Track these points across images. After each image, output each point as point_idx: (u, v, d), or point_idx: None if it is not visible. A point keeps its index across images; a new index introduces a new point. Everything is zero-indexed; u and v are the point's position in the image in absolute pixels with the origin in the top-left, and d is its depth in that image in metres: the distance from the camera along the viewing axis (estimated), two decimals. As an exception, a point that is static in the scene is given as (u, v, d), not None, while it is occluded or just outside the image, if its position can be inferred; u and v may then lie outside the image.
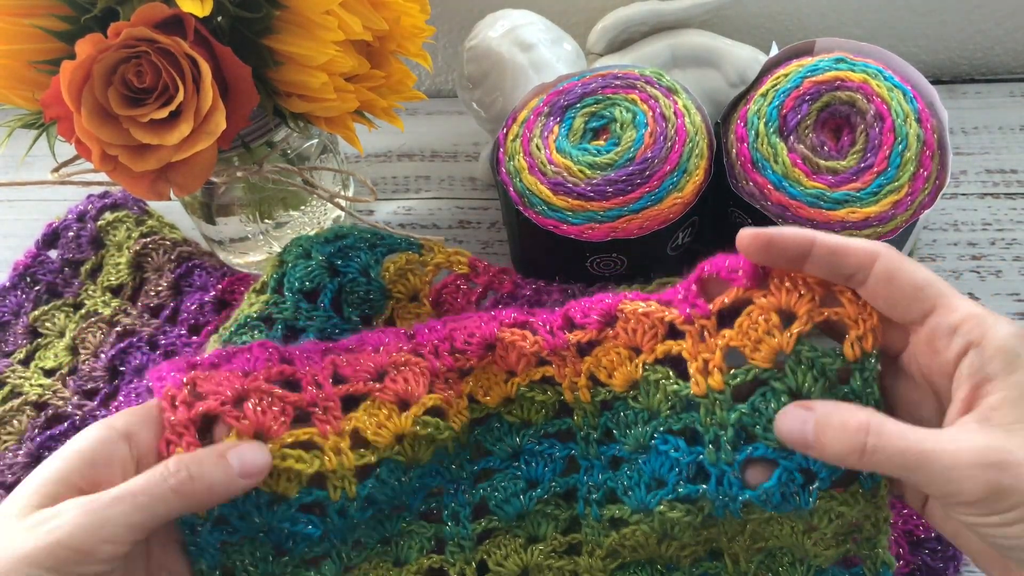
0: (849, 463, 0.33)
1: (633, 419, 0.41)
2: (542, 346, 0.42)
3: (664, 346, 0.40)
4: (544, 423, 0.43)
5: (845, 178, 0.48)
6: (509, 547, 0.43)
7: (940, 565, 0.47)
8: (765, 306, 0.37)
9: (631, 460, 0.41)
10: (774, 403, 0.37)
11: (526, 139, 0.52)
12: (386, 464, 0.40)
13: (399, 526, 0.43)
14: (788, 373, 0.37)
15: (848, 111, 0.49)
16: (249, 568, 0.39)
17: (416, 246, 0.53)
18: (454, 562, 0.43)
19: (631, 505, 0.41)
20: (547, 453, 0.43)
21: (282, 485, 0.38)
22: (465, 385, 0.43)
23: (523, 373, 0.43)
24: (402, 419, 0.40)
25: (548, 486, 0.43)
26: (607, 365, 0.41)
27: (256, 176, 0.51)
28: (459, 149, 0.69)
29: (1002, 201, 0.62)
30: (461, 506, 0.44)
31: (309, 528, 0.39)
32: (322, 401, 0.40)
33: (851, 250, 0.34)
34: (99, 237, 0.61)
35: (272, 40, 0.43)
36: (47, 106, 0.41)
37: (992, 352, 0.32)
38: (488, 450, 0.44)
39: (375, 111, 0.50)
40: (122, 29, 0.39)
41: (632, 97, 0.52)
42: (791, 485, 0.37)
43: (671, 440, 0.40)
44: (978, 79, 0.70)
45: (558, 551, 0.43)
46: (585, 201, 0.50)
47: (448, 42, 0.71)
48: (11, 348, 0.59)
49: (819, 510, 0.38)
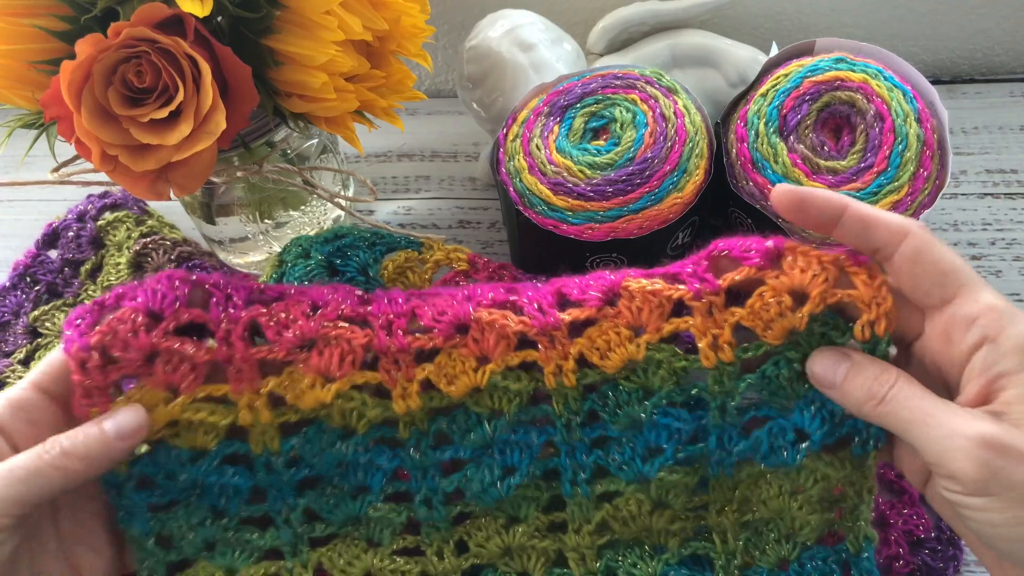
0: (863, 411, 0.35)
1: (626, 399, 0.40)
2: (529, 325, 0.39)
3: (671, 324, 0.39)
4: (518, 412, 0.40)
5: (845, 178, 0.48)
6: (490, 528, 0.42)
7: (940, 565, 0.47)
8: (777, 287, 0.37)
9: (619, 438, 0.41)
10: (785, 370, 0.38)
11: (526, 139, 0.52)
12: (315, 425, 0.39)
13: (365, 509, 0.41)
14: (801, 342, 0.37)
15: (848, 111, 0.49)
16: (187, 535, 0.39)
17: (416, 244, 0.53)
18: (431, 542, 0.42)
19: (626, 478, 0.40)
20: (522, 440, 0.41)
21: (199, 439, 0.38)
22: (421, 371, 0.39)
23: (499, 358, 0.39)
24: (324, 391, 0.38)
25: (527, 471, 0.41)
26: (602, 346, 0.39)
27: (256, 176, 0.51)
28: (459, 149, 0.69)
29: (1002, 201, 0.62)
30: (432, 492, 0.41)
31: (236, 479, 0.38)
32: (237, 362, 0.38)
33: (882, 223, 0.34)
34: (99, 237, 0.61)
35: (272, 40, 0.43)
36: (47, 106, 0.41)
37: (1008, 348, 0.32)
38: (454, 442, 0.41)
39: (375, 111, 0.50)
40: (122, 29, 0.39)
41: (632, 97, 0.52)
42: (781, 439, 0.38)
43: (672, 412, 0.40)
44: (978, 79, 0.70)
45: (541, 530, 0.42)
46: (585, 201, 0.50)
47: (448, 42, 0.71)
48: (11, 348, 0.59)
49: (805, 468, 0.39)
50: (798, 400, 0.38)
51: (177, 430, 0.38)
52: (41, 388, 0.36)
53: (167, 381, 0.37)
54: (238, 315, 0.38)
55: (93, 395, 0.36)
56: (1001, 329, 0.32)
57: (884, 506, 0.49)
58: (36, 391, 0.36)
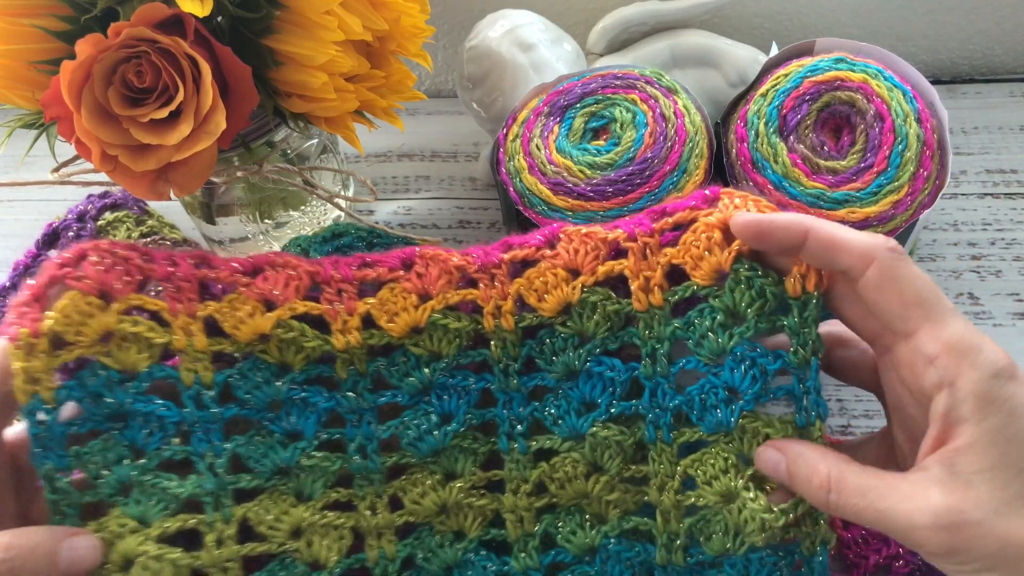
0: (821, 506, 0.35)
1: (562, 345, 0.40)
2: (471, 262, 0.40)
3: (606, 267, 0.39)
4: (456, 355, 0.40)
5: (845, 178, 0.48)
6: (426, 484, 0.40)
7: (940, 565, 0.47)
8: (709, 224, 0.37)
9: (556, 389, 0.40)
10: (708, 320, 0.38)
11: (526, 139, 0.52)
12: (251, 360, 0.39)
13: (297, 457, 0.39)
14: (726, 291, 0.37)
15: (848, 111, 0.49)
16: (103, 472, 0.37)
17: (412, 245, 0.53)
18: (364, 495, 0.40)
19: (561, 434, 0.40)
20: (460, 386, 0.40)
21: (131, 357, 0.37)
22: (363, 305, 0.39)
23: (440, 295, 0.39)
24: (264, 318, 0.38)
25: (463, 419, 0.40)
26: (539, 287, 0.39)
27: (256, 176, 0.51)
28: (459, 149, 0.69)
29: (1002, 201, 0.62)
30: (367, 439, 0.40)
31: (162, 410, 0.37)
32: (176, 279, 0.38)
33: (847, 247, 0.33)
34: (99, 237, 0.61)
35: (272, 40, 0.43)
36: (47, 106, 0.41)
37: (964, 396, 0.31)
38: (393, 385, 0.40)
39: (375, 111, 0.50)
40: (122, 29, 0.39)
41: (632, 97, 0.52)
42: (713, 396, 0.38)
43: (606, 361, 0.40)
44: (978, 79, 0.70)
45: (478, 487, 0.41)
46: (585, 201, 0.50)
47: (448, 42, 0.71)
48: (11, 348, 0.59)
49: (746, 431, 0.38)
50: (728, 356, 0.38)
51: (108, 348, 0.37)
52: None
53: (98, 280, 0.36)
54: (189, 251, 0.39)
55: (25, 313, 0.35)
56: (958, 374, 0.31)
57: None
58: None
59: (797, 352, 0.37)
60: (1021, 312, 0.57)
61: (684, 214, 0.38)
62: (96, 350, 0.36)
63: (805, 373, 0.37)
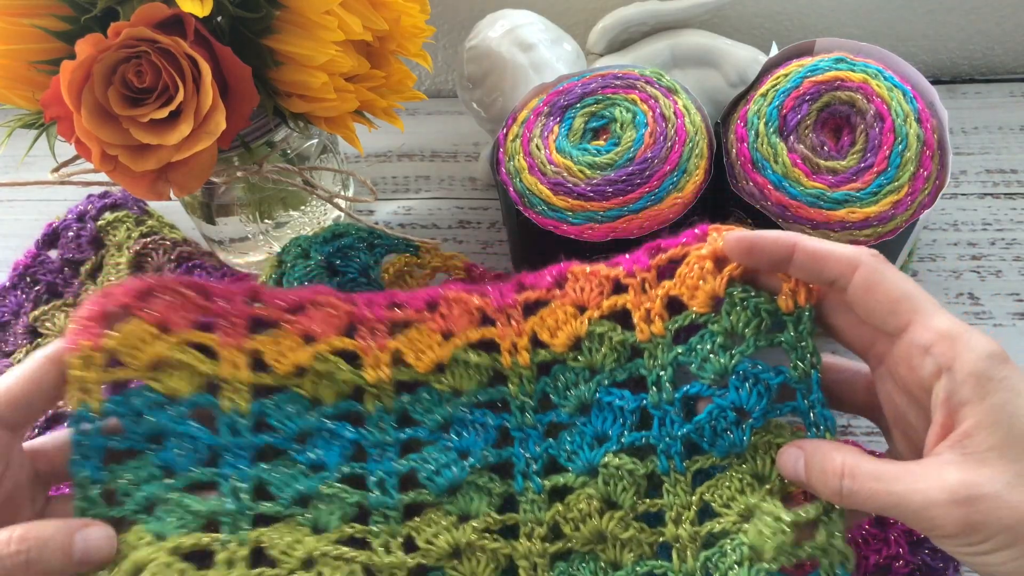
0: (835, 502, 0.35)
1: (574, 379, 0.42)
2: (489, 303, 0.43)
3: (610, 301, 0.42)
4: (476, 390, 0.43)
5: (845, 178, 0.48)
6: (440, 524, 0.41)
7: (940, 565, 0.47)
8: (702, 256, 0.40)
9: (570, 425, 0.42)
10: (709, 343, 0.40)
11: (526, 139, 0.52)
12: (286, 392, 0.41)
13: (317, 486, 0.40)
14: (723, 315, 0.39)
15: (848, 111, 0.49)
16: (131, 488, 0.38)
17: (413, 248, 0.53)
18: (378, 533, 0.40)
19: (575, 470, 0.41)
20: (479, 422, 0.43)
21: (175, 381, 0.39)
22: (393, 342, 0.43)
23: (462, 333, 0.43)
24: (303, 352, 0.41)
25: (481, 455, 0.42)
26: (551, 325, 0.43)
27: (256, 176, 0.51)
28: (459, 149, 0.69)
29: (1002, 201, 0.62)
30: (388, 474, 0.41)
31: (197, 432, 0.39)
32: (228, 315, 0.41)
33: (832, 257, 0.35)
34: (99, 237, 0.61)
35: (272, 40, 0.43)
36: (47, 106, 0.41)
37: (963, 377, 0.31)
38: (416, 420, 0.42)
39: (375, 111, 0.50)
40: (122, 29, 0.39)
41: (632, 97, 0.52)
42: (723, 421, 0.39)
43: (615, 391, 0.42)
44: (978, 79, 0.70)
45: (492, 529, 0.41)
46: (585, 201, 0.50)
47: (448, 42, 0.71)
48: (11, 348, 0.59)
49: (758, 447, 0.39)
50: (731, 376, 0.39)
51: (157, 375, 0.39)
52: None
53: (161, 314, 0.39)
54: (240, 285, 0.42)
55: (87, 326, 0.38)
56: (954, 357, 0.32)
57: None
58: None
59: (797, 366, 0.38)
60: (1021, 312, 0.57)
61: (677, 250, 0.41)
62: (146, 374, 0.39)
63: (807, 386, 0.38)
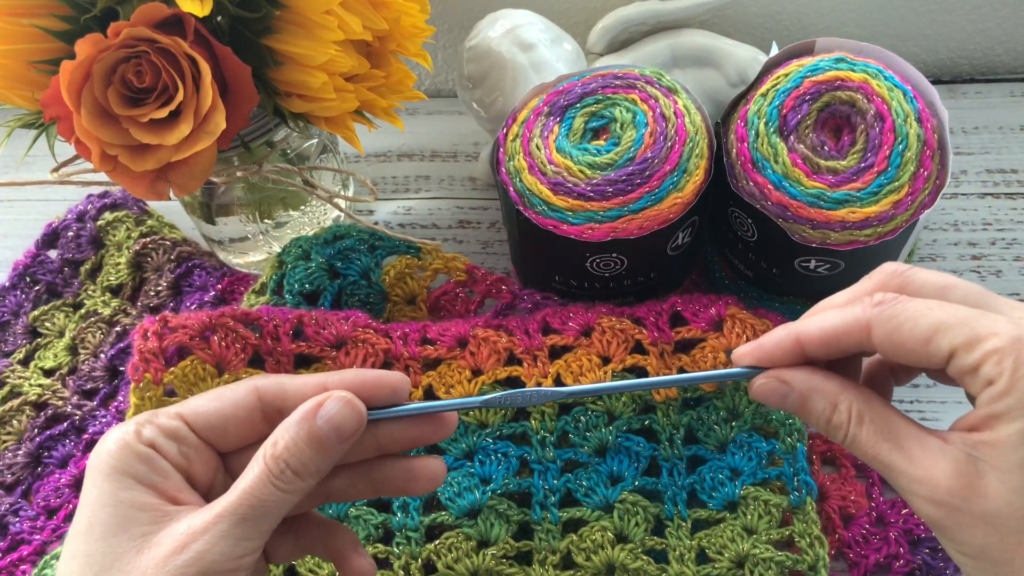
0: (828, 436, 0.35)
1: (594, 422, 0.47)
2: (517, 344, 0.47)
3: (633, 358, 0.48)
4: (501, 424, 0.46)
5: (845, 178, 0.48)
6: (460, 550, 0.43)
7: (940, 564, 0.47)
8: (715, 346, 0.47)
9: (588, 464, 0.46)
10: (714, 415, 0.48)
11: (526, 139, 0.52)
12: None
13: (346, 508, 0.44)
14: (727, 395, 0.48)
15: (848, 111, 0.49)
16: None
17: (414, 249, 0.53)
18: (399, 554, 0.43)
19: (591, 505, 0.45)
20: (501, 452, 0.46)
21: None
22: (425, 378, 0.46)
23: (490, 371, 0.46)
24: None
25: (502, 482, 0.45)
26: (576, 369, 0.47)
27: (256, 176, 0.51)
28: (459, 149, 0.69)
29: (1002, 201, 0.62)
30: (411, 497, 0.44)
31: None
32: (276, 353, 0.45)
33: (838, 332, 0.33)
34: (99, 237, 0.61)
35: (272, 40, 0.43)
36: (47, 106, 0.41)
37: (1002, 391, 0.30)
38: (442, 449, 0.46)
39: (375, 111, 0.50)
40: (122, 29, 0.39)
41: (632, 97, 0.52)
42: (720, 475, 0.46)
43: (633, 437, 0.47)
44: (978, 79, 0.70)
45: (509, 556, 0.44)
46: (585, 201, 0.49)
47: (448, 42, 0.71)
48: (11, 348, 0.59)
49: (750, 497, 0.46)
50: (730, 444, 0.47)
51: None
52: (190, 425, 0.34)
53: (218, 355, 0.44)
54: (287, 315, 0.46)
55: (150, 360, 0.43)
56: (999, 373, 0.30)
57: (884, 505, 0.49)
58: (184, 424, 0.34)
59: (785, 440, 0.47)
60: (1021, 312, 0.57)
61: (696, 332, 0.48)
62: None
63: (793, 458, 0.46)
